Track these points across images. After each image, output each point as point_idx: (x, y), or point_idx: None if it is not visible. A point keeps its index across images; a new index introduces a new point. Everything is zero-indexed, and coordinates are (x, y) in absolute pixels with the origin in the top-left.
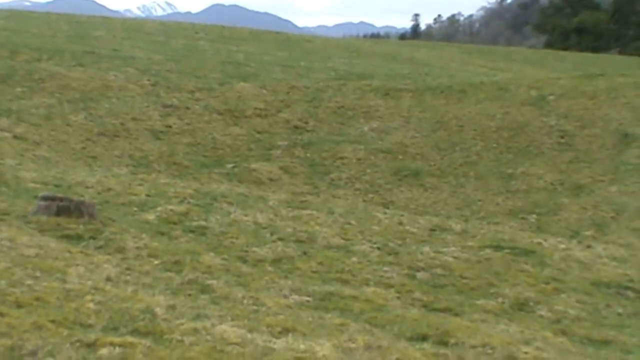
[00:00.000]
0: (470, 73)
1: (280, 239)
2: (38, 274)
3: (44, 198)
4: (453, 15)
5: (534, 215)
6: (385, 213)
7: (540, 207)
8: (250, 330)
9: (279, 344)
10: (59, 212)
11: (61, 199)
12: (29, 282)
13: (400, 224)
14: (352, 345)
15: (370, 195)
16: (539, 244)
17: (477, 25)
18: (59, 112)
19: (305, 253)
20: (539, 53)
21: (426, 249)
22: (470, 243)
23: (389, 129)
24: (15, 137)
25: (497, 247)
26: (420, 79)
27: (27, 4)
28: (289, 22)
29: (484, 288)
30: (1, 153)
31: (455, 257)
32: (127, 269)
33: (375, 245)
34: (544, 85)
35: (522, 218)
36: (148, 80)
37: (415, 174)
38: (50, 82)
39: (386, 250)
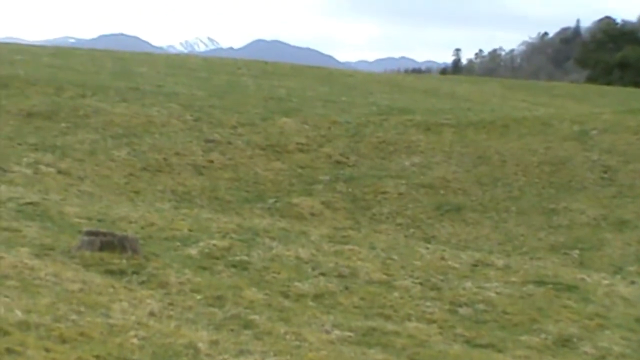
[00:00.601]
0: (512, 108)
1: (322, 274)
2: (82, 309)
3: (88, 233)
4: (494, 50)
5: (577, 251)
6: (427, 248)
7: (583, 242)
8: None
9: None
10: (103, 247)
11: (105, 234)
12: (74, 317)
13: (442, 259)
14: None
15: (412, 230)
16: (582, 279)
17: (518, 60)
18: (103, 147)
19: (347, 288)
20: (581, 88)
21: (468, 284)
22: (512, 278)
23: (430, 164)
24: (59, 172)
25: (540, 283)
26: (462, 114)
27: (72, 40)
28: (331, 57)
29: (527, 324)
30: (46, 188)
31: (497, 293)
32: (170, 304)
33: (417, 281)
34: (587, 120)
35: (565, 253)
36: (191, 115)
37: (457, 209)
38: (95, 118)
39: (428, 285)
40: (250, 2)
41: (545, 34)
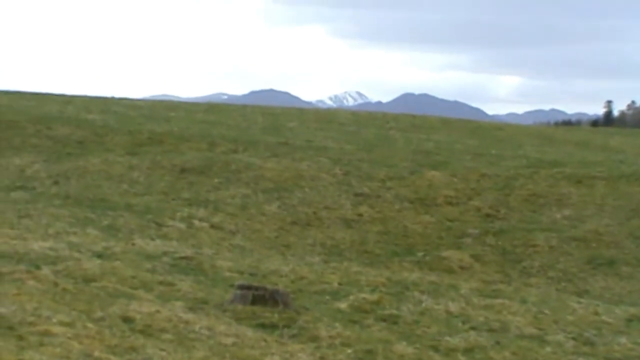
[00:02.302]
0: None
1: (472, 328)
2: None
3: (240, 287)
4: None
5: None
6: (579, 302)
7: None
8: None
9: None
10: (255, 301)
11: (256, 288)
12: None
13: (596, 313)
14: None
15: (564, 284)
16: None
17: None
18: (254, 201)
19: (498, 343)
20: None
21: (623, 339)
22: None
23: (582, 217)
24: (212, 226)
25: None
26: (614, 166)
27: (225, 97)
28: (479, 109)
29: None
30: (199, 242)
31: None
32: (321, 357)
33: (570, 335)
34: None
35: None
36: (340, 169)
37: (610, 262)
38: (246, 173)
39: (581, 340)
40: (399, 57)
41: None
